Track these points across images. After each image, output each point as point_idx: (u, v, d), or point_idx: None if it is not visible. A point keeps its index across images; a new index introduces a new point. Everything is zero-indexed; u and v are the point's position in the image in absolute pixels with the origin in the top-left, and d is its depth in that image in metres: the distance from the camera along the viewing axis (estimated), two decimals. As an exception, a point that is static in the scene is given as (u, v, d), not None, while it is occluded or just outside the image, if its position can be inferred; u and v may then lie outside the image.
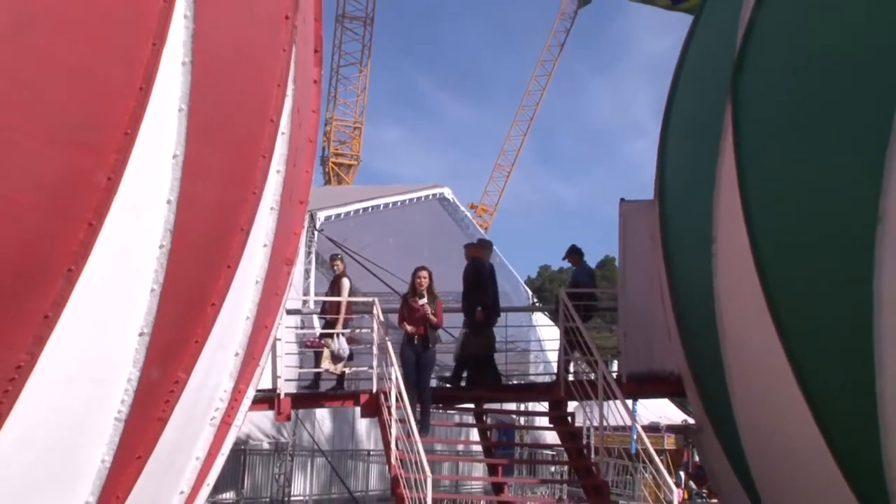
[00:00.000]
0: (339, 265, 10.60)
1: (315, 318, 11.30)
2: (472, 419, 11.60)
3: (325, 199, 16.47)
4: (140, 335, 4.39)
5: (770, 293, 6.38)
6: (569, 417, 10.17)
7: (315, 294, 12.44)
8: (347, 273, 10.71)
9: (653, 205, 9.08)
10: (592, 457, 9.86)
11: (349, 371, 10.24)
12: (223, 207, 4.85)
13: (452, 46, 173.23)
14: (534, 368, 17.72)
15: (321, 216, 14.08)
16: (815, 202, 6.10)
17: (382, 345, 9.17)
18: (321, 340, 9.98)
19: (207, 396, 5.35)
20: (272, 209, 5.40)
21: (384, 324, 9.54)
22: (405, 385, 8.48)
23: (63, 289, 3.92)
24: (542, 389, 11.05)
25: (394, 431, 8.31)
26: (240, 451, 13.41)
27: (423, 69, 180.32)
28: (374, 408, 9.20)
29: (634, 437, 13.21)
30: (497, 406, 13.57)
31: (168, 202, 4.34)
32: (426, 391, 9.31)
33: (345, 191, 28.31)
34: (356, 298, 10.99)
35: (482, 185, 51.92)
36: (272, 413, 9.74)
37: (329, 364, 9.85)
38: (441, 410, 11.36)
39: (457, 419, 14.52)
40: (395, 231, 18.46)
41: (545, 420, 11.43)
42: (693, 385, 8.33)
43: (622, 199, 9.90)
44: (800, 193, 6.24)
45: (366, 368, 10.01)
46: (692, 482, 22.90)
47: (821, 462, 6.05)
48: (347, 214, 16.02)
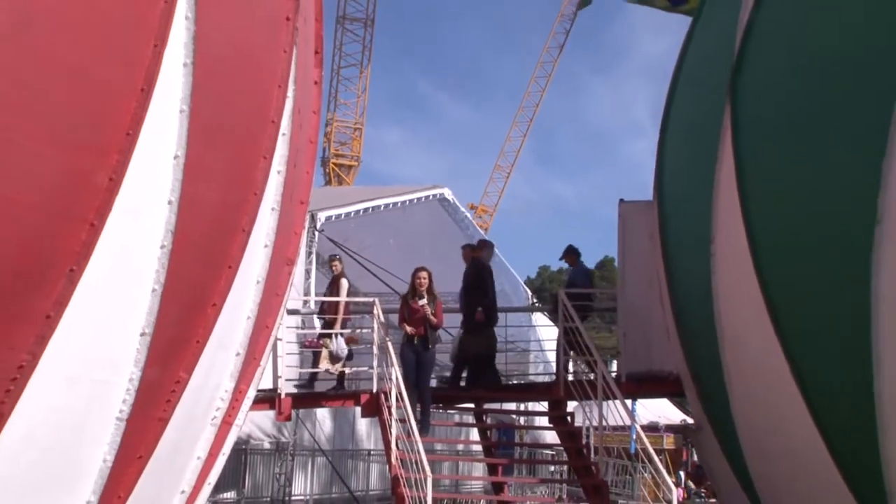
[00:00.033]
0: (338, 265, 10.61)
1: (315, 319, 11.31)
2: (472, 419, 11.62)
3: (326, 200, 16.47)
4: (141, 335, 4.40)
5: (769, 293, 6.39)
6: (568, 417, 10.19)
7: (316, 294, 12.45)
8: (346, 273, 10.72)
9: (652, 205, 9.10)
10: (592, 456, 9.86)
11: (349, 371, 10.26)
12: (224, 208, 4.86)
13: (452, 47, 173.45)
14: (533, 368, 17.72)
15: (322, 217, 14.09)
16: (814, 203, 6.11)
17: (383, 345, 9.19)
18: (320, 341, 10.00)
19: (208, 396, 5.36)
20: (273, 210, 5.41)
21: (384, 324, 9.55)
22: (405, 385, 8.50)
23: (65, 289, 3.92)
24: (542, 389, 11.06)
25: (394, 431, 8.32)
26: (241, 451, 13.41)
27: (424, 70, 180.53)
28: (375, 408, 9.20)
29: (634, 437, 13.19)
30: (497, 406, 13.59)
31: (169, 203, 4.35)
32: (426, 391, 9.32)
33: (345, 191, 28.32)
34: (355, 299, 10.99)
35: (482, 186, 52.04)
36: (273, 413, 9.76)
37: (327, 364, 9.87)
38: (441, 410, 11.36)
39: (457, 419, 14.52)
40: (396, 231, 18.46)
41: (545, 420, 11.43)
42: (692, 385, 8.34)
43: (621, 200, 9.91)
44: (798, 194, 6.25)
45: (366, 368, 10.02)
46: (691, 482, 22.92)
47: (819, 462, 6.06)
48: (348, 215, 16.03)
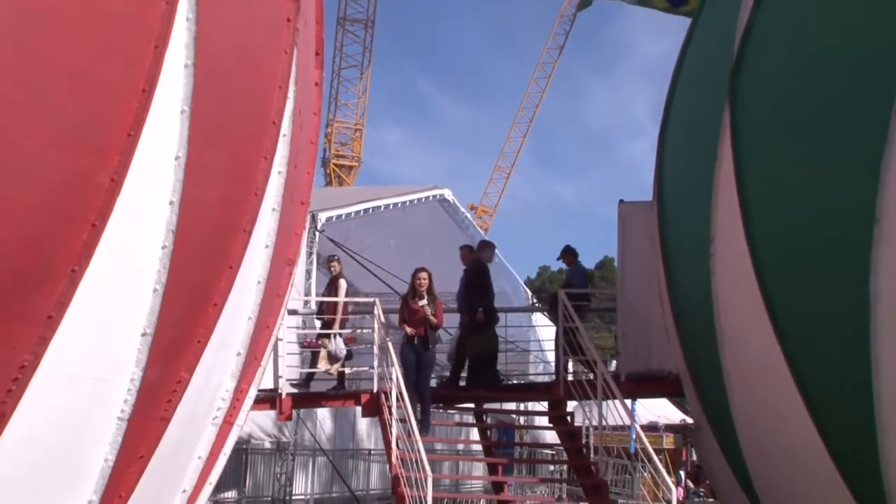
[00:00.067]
0: (336, 266, 10.62)
1: (315, 319, 11.33)
2: (472, 419, 11.64)
3: (327, 201, 16.47)
4: (143, 335, 4.40)
5: (768, 294, 6.40)
6: (568, 417, 10.20)
7: (316, 294, 12.47)
8: (345, 274, 10.73)
9: (651, 206, 9.11)
10: (591, 456, 9.90)
11: (350, 371, 10.28)
12: (225, 208, 4.87)
13: (452, 49, 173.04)
14: (533, 368, 17.73)
15: (322, 217, 14.09)
16: (813, 203, 6.12)
17: (383, 345, 9.21)
18: (318, 341, 10.02)
19: (209, 396, 5.36)
20: (274, 210, 5.42)
21: (385, 324, 9.57)
22: (405, 385, 8.51)
23: (66, 289, 3.93)
24: (542, 389, 11.07)
25: (394, 431, 8.34)
26: (242, 451, 13.40)
27: (424, 71, 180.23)
28: (375, 407, 9.22)
29: (633, 437, 13.22)
30: (497, 406, 13.60)
31: (170, 203, 4.36)
32: (426, 391, 9.34)
33: (346, 192, 28.32)
34: (354, 299, 11.00)
35: (482, 187, 51.98)
36: (274, 413, 9.78)
37: (326, 364, 9.89)
38: (441, 410, 11.38)
39: (457, 419, 14.53)
40: (396, 232, 18.46)
41: (545, 419, 11.45)
42: (691, 385, 8.35)
43: (621, 201, 9.92)
44: (798, 194, 6.26)
45: (367, 368, 10.04)
46: (689, 481, 22.92)
47: (818, 462, 6.07)
48: (348, 215, 16.03)
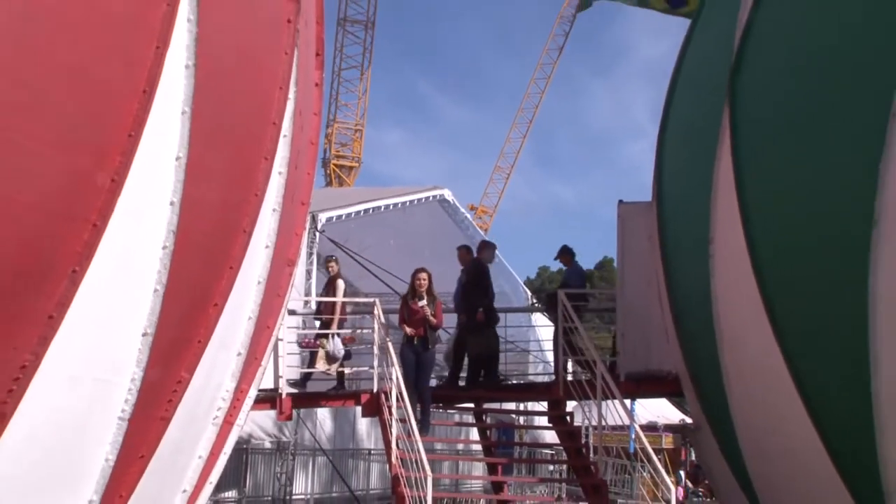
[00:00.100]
0: (334, 267, 10.63)
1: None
2: (472, 418, 11.65)
3: (327, 201, 16.48)
4: (143, 335, 4.41)
5: (767, 294, 6.41)
6: (567, 417, 10.22)
7: (316, 295, 12.48)
8: (344, 274, 10.75)
9: (651, 206, 9.12)
10: (591, 456, 9.91)
11: (349, 371, 10.29)
12: (226, 209, 4.88)
13: (452, 49, 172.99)
14: (533, 368, 17.74)
15: (322, 217, 14.10)
16: (813, 203, 6.12)
17: (383, 345, 9.22)
18: (316, 341, 10.03)
19: (210, 396, 5.37)
20: (274, 211, 5.43)
21: (385, 324, 9.58)
22: (405, 385, 8.52)
23: (67, 289, 3.93)
24: (542, 389, 11.08)
25: (394, 431, 8.34)
26: (242, 451, 13.41)
27: (424, 72, 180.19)
28: (375, 407, 9.23)
29: (633, 437, 13.24)
30: (497, 405, 13.61)
31: (171, 204, 4.37)
32: (426, 391, 9.35)
33: (346, 192, 28.32)
34: (353, 299, 11.01)
35: (482, 187, 52.00)
36: (274, 412, 9.79)
37: (324, 365, 9.90)
38: (441, 410, 11.40)
39: (457, 418, 14.55)
40: (396, 232, 18.47)
41: (544, 419, 11.46)
42: (690, 385, 8.36)
43: (620, 201, 9.92)
44: (797, 194, 6.27)
45: (367, 368, 10.05)
46: (688, 481, 22.94)
47: (817, 462, 6.08)
48: (349, 216, 16.03)
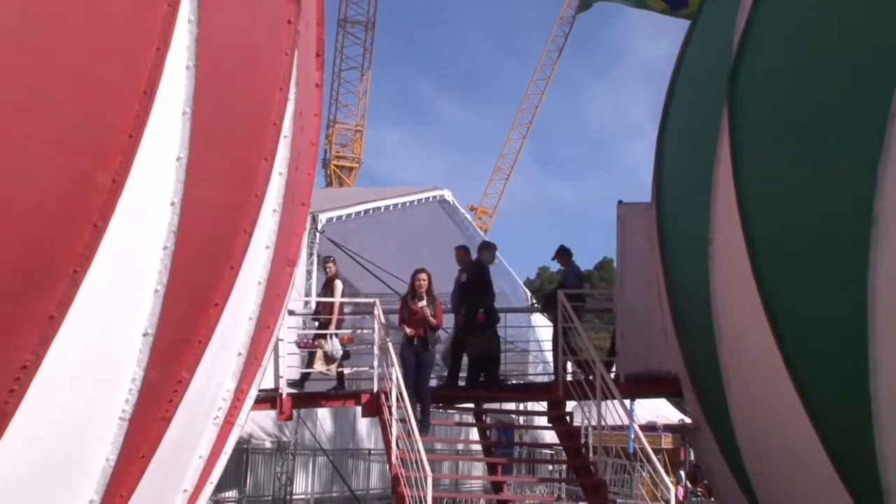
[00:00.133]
0: (332, 267, 10.63)
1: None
2: (472, 418, 11.66)
3: (327, 202, 16.50)
4: (144, 335, 4.42)
5: (766, 294, 6.42)
6: (567, 417, 10.22)
7: (316, 295, 12.49)
8: (342, 275, 10.75)
9: (650, 207, 9.13)
10: (590, 456, 9.92)
11: (349, 371, 10.30)
12: (226, 209, 4.89)
13: (453, 50, 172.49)
14: (532, 368, 17.76)
15: (323, 218, 14.12)
16: (812, 203, 6.13)
17: (383, 345, 9.23)
18: (315, 341, 10.04)
19: (210, 396, 5.38)
20: (274, 211, 5.44)
21: (385, 325, 9.59)
22: (405, 385, 8.53)
23: (68, 290, 3.94)
24: (541, 389, 11.09)
25: (394, 431, 8.35)
26: (242, 450, 13.43)
27: (424, 73, 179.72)
28: (375, 407, 9.24)
29: (632, 437, 13.24)
30: (496, 405, 13.61)
31: (172, 204, 4.38)
32: (426, 391, 9.36)
33: (346, 193, 28.33)
34: (353, 300, 11.02)
35: (482, 188, 51.95)
36: (274, 412, 9.80)
37: (322, 365, 9.91)
38: (441, 410, 11.41)
39: (457, 418, 14.56)
40: (396, 233, 18.48)
41: (544, 419, 11.47)
42: (690, 385, 8.37)
43: (620, 202, 9.93)
44: (796, 195, 6.27)
45: (367, 368, 10.06)
46: (687, 481, 22.96)
47: (817, 462, 6.09)
48: (349, 216, 16.05)
